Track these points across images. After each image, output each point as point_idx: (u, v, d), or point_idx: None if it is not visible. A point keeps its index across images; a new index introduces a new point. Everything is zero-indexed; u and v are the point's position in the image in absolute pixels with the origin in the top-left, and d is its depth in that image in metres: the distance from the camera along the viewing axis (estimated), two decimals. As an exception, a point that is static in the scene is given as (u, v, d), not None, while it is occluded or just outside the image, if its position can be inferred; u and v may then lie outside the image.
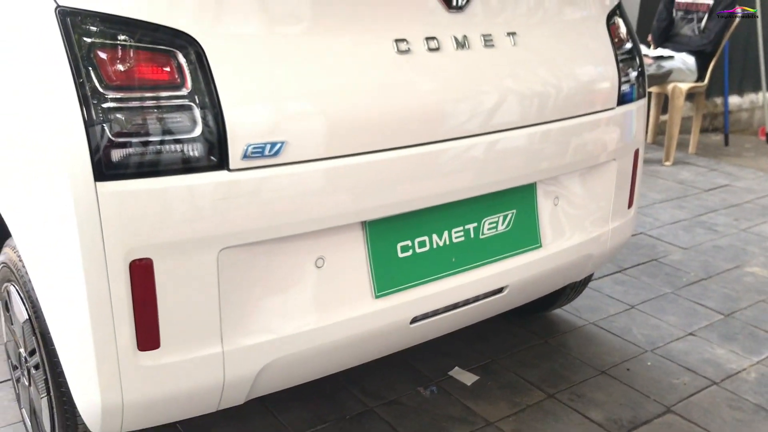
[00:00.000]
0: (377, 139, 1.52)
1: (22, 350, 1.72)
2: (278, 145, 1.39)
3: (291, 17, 1.44)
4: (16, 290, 1.65)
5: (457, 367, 2.31)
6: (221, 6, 1.36)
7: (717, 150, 5.42)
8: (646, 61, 4.58)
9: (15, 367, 1.87)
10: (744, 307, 2.79)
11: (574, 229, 2.01)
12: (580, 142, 1.92)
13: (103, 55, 1.27)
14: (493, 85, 1.70)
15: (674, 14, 5.04)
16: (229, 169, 1.35)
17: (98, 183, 1.26)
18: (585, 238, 2.03)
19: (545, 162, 1.85)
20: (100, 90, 1.26)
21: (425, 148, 1.59)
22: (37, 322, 1.55)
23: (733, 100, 6.19)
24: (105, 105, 1.26)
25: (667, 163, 4.84)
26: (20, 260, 1.59)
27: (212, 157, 1.34)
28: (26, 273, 1.56)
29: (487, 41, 1.69)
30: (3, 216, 1.59)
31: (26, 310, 1.60)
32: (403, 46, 1.55)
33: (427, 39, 1.59)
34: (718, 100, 6.00)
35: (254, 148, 1.37)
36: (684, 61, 4.82)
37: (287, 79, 1.41)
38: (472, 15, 1.67)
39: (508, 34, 1.74)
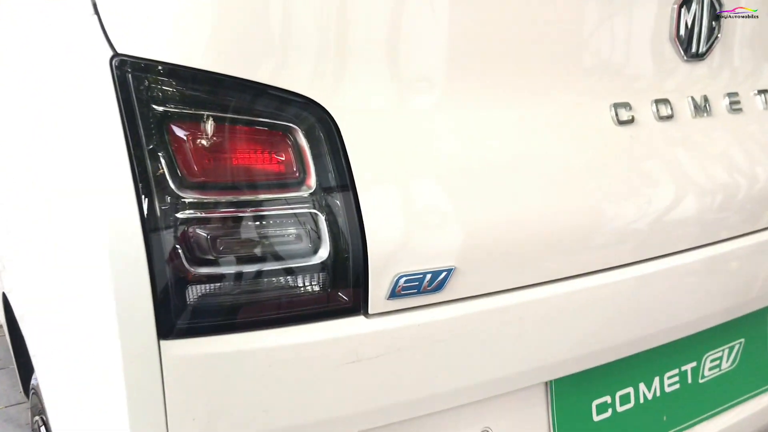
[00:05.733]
0: (582, 258, 0.99)
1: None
2: (443, 274, 0.88)
3: (455, 77, 0.93)
4: None
5: None
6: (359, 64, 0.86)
7: None
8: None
9: None
10: None
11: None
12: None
13: (181, 133, 0.79)
14: (736, 169, 1.15)
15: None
16: (367, 314, 0.85)
17: (162, 341, 0.78)
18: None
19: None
20: (175, 190, 0.78)
21: (639, 268, 1.06)
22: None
23: None
24: (181, 214, 0.78)
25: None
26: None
27: (342, 296, 0.84)
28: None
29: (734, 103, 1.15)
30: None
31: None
32: (624, 114, 1.03)
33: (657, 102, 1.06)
34: None
35: (408, 279, 0.86)
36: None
37: (457, 175, 0.90)
38: (712, 66, 1.13)
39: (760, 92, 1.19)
